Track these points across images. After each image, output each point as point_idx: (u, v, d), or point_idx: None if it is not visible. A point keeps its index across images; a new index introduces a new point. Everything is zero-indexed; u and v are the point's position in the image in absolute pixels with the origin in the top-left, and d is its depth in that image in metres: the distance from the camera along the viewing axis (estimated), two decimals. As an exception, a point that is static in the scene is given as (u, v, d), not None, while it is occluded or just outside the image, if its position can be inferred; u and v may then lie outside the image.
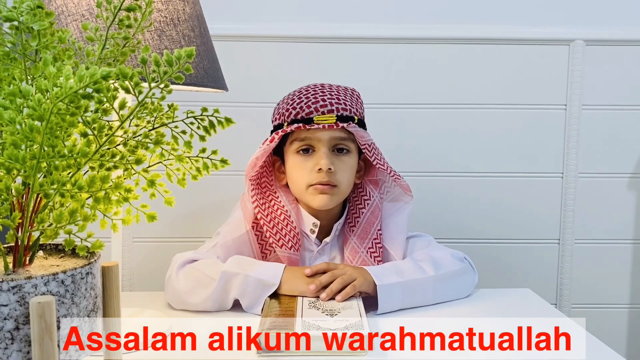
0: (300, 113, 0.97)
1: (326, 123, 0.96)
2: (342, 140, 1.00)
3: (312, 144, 1.00)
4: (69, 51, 0.56)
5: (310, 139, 0.99)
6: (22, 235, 0.52)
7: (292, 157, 1.02)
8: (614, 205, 1.43)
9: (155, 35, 0.74)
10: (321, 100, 0.97)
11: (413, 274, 0.95)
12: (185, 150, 0.60)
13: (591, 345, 0.80)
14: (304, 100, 0.98)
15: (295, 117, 0.98)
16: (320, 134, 0.99)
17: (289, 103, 0.99)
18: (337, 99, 0.98)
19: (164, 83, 0.52)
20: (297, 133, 1.00)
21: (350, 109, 0.98)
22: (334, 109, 0.97)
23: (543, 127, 1.40)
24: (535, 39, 1.37)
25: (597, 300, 1.46)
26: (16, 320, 0.47)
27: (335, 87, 1.02)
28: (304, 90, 1.01)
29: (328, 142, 0.99)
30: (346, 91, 1.02)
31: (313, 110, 0.97)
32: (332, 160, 0.99)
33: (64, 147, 0.51)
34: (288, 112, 0.99)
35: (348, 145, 1.01)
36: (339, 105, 0.97)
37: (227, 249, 1.00)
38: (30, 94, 0.48)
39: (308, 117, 0.97)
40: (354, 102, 1.01)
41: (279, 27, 1.35)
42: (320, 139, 0.99)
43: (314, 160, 0.99)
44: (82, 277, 0.51)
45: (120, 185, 0.55)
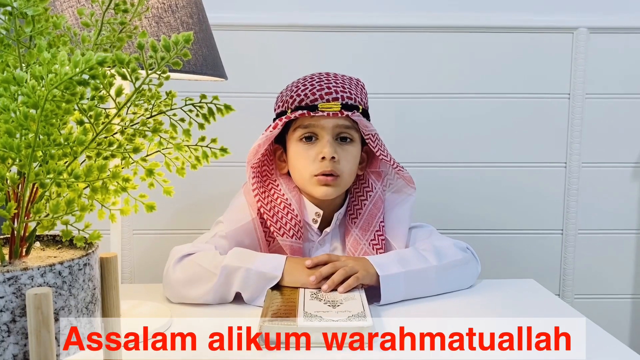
0: (304, 100, 0.96)
1: (331, 110, 0.95)
2: (346, 128, 0.99)
3: (315, 132, 0.99)
4: (64, 37, 0.55)
5: (314, 126, 0.98)
6: (18, 225, 0.51)
7: (294, 145, 1.01)
8: (617, 195, 1.42)
9: (153, 22, 0.72)
10: (326, 87, 0.97)
11: (416, 263, 0.94)
12: (184, 139, 0.59)
13: (594, 335, 0.79)
14: (309, 87, 0.97)
15: (300, 104, 0.97)
16: (324, 121, 0.98)
17: (293, 90, 0.99)
18: (342, 87, 0.97)
19: (162, 69, 0.51)
20: (300, 120, 0.99)
21: (355, 98, 0.98)
22: (339, 96, 0.96)
23: (546, 116, 1.39)
24: (538, 27, 1.36)
25: (600, 290, 1.45)
26: (12, 313, 0.46)
27: (340, 76, 1.01)
28: (309, 78, 1.00)
29: (332, 130, 0.98)
30: (351, 80, 1.01)
31: (318, 97, 0.96)
32: (336, 149, 0.98)
33: (59, 135, 0.49)
34: (292, 99, 0.98)
35: (352, 134, 1.00)
36: (344, 94, 0.97)
37: (231, 238, 0.99)
38: (24, 80, 0.46)
39: (312, 104, 0.96)
40: (359, 92, 1.00)
41: (278, 16, 1.33)
42: (324, 127, 0.98)
43: (318, 148, 0.98)
44: (80, 269, 0.50)
45: (118, 174, 0.54)
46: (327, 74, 1.01)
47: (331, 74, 1.01)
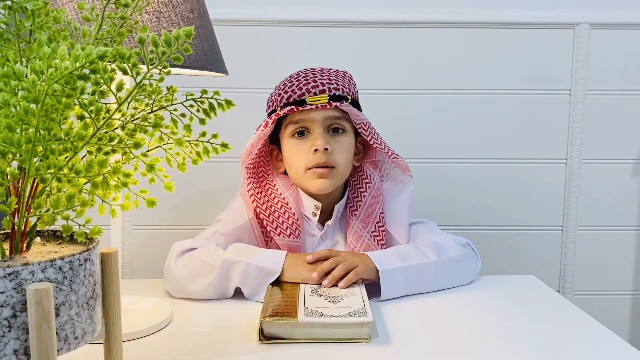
0: (292, 96, 0.97)
1: (319, 103, 0.96)
2: (337, 119, 1.00)
3: (306, 126, 0.99)
4: (65, 32, 0.55)
5: (304, 120, 0.99)
6: (19, 221, 0.51)
7: (287, 141, 1.02)
8: (617, 191, 1.42)
9: (154, 17, 0.72)
10: (312, 81, 0.97)
11: (415, 259, 0.94)
12: (184, 134, 0.59)
13: (594, 331, 0.79)
14: (295, 83, 0.98)
15: (288, 101, 0.98)
16: (314, 114, 0.98)
17: (281, 88, 1.00)
18: (328, 80, 0.98)
19: (163, 64, 0.50)
20: (290, 116, 1.00)
21: (342, 89, 0.98)
22: (325, 88, 0.97)
23: (547, 112, 1.39)
24: (539, 22, 1.35)
25: (600, 287, 1.45)
26: (13, 308, 0.46)
27: (326, 69, 1.02)
28: (295, 75, 1.01)
29: (322, 123, 0.99)
30: (337, 72, 1.02)
31: (305, 91, 0.96)
32: (328, 140, 0.98)
33: (60, 130, 0.49)
34: (280, 96, 0.99)
35: (343, 124, 1.01)
36: (330, 85, 0.97)
37: (228, 237, 1.00)
38: (24, 75, 0.46)
39: (300, 99, 0.97)
40: (346, 83, 1.01)
41: (279, 12, 1.33)
42: (315, 120, 0.98)
43: (310, 141, 0.99)
44: (81, 264, 0.50)
45: (119, 169, 0.54)
46: (312, 69, 1.01)
47: (317, 68, 1.02)
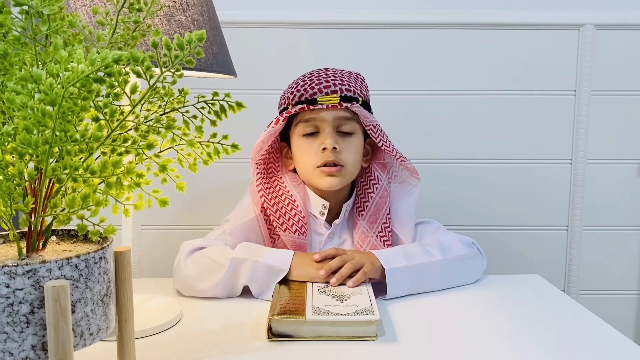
0: (304, 95, 0.99)
1: (330, 103, 0.97)
2: (347, 120, 1.01)
3: (316, 125, 1.01)
4: (80, 35, 0.56)
5: (314, 119, 1.00)
6: (35, 220, 0.52)
7: (297, 140, 1.03)
8: (622, 191, 1.42)
9: (165, 20, 0.73)
10: (324, 81, 0.99)
11: (421, 257, 0.95)
12: (196, 135, 0.60)
13: (600, 331, 0.80)
14: (308, 82, 1.00)
15: (300, 99, 0.99)
16: (324, 114, 0.99)
17: (294, 87, 1.02)
18: (340, 81, 0.99)
19: (175, 67, 0.52)
20: (301, 115, 1.01)
21: (354, 90, 1.00)
22: (337, 89, 0.98)
23: (552, 113, 1.39)
24: (544, 23, 1.36)
25: (605, 286, 1.45)
26: (31, 304, 0.47)
27: (339, 70, 1.03)
28: (308, 74, 1.03)
29: (332, 123, 1.00)
30: (350, 74, 1.03)
31: (317, 91, 0.98)
32: (337, 140, 1.00)
33: (76, 131, 0.50)
34: (292, 95, 1.00)
35: (352, 125, 1.02)
36: (342, 86, 0.99)
37: (236, 235, 1.01)
38: (41, 78, 0.48)
39: (312, 98, 0.98)
40: (358, 84, 1.02)
41: (286, 14, 1.34)
42: (325, 119, 1.00)
43: (319, 140, 1.00)
44: (96, 262, 0.51)
45: (132, 170, 0.55)
46: (325, 69, 1.03)
47: (330, 68, 1.04)
